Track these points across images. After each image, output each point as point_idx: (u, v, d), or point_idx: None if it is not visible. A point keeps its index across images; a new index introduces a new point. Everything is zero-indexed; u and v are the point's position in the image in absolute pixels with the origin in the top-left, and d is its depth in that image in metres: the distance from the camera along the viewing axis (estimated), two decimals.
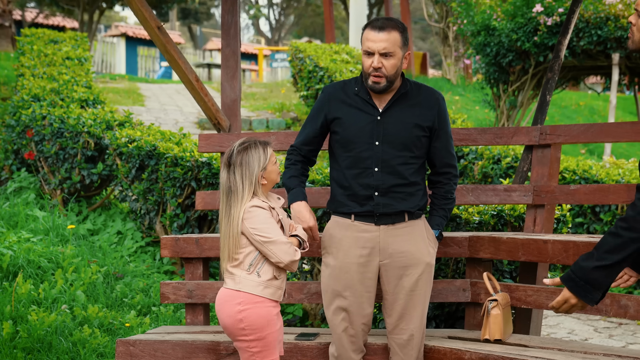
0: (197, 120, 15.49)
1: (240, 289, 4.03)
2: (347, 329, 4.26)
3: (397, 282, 4.23)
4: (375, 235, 4.21)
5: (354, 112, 4.23)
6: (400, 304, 4.24)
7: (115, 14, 48.49)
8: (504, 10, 13.03)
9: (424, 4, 24.88)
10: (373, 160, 4.17)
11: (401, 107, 4.22)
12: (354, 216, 4.23)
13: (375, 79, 4.11)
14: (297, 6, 47.05)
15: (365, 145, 4.18)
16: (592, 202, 5.05)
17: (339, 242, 4.26)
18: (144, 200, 7.78)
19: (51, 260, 7.07)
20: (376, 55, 4.08)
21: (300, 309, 6.47)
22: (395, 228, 4.22)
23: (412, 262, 4.22)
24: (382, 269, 4.24)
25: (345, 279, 4.23)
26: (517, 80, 13.36)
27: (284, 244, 3.97)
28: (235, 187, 4.04)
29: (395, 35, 4.08)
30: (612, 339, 6.85)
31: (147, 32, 5.41)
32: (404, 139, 4.18)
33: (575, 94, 23.92)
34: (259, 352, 4.04)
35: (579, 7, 5.82)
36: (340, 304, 4.25)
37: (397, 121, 4.19)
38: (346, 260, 4.23)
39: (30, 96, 9.79)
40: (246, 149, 4.07)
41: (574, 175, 8.41)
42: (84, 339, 5.76)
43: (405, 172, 4.19)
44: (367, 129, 4.19)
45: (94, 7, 22.73)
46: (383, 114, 4.19)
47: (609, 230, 2.88)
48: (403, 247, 4.22)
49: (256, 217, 3.99)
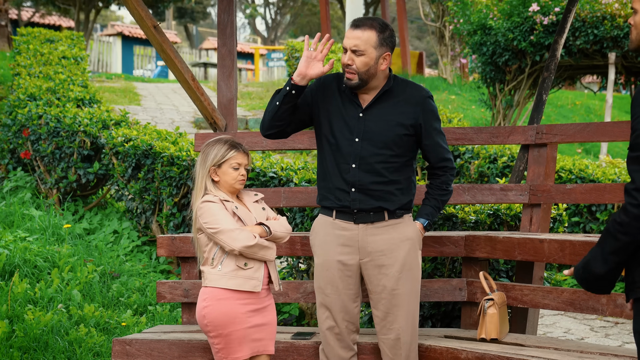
0: (193, 119, 15.48)
1: (207, 285, 4.08)
2: (333, 327, 4.29)
3: (377, 281, 4.24)
4: (354, 234, 4.22)
5: (339, 107, 4.24)
6: (384, 303, 4.24)
7: (112, 13, 48.43)
8: (500, 10, 13.04)
9: (420, 3, 24.87)
10: (351, 157, 4.18)
11: (384, 105, 4.22)
12: (335, 213, 4.25)
13: (348, 75, 4.14)
14: (293, 5, 47.03)
15: (345, 141, 4.19)
16: (588, 201, 5.05)
17: (321, 240, 4.29)
18: (140, 200, 7.77)
19: (47, 260, 7.06)
20: (348, 52, 4.11)
21: (296, 308, 6.47)
22: (375, 227, 4.23)
23: (390, 262, 4.22)
24: (363, 268, 4.26)
25: (326, 277, 4.27)
26: (513, 79, 13.36)
27: (233, 231, 3.98)
28: (195, 178, 4.15)
29: (370, 34, 4.09)
30: (608, 338, 6.86)
31: (143, 32, 5.41)
32: (384, 137, 4.18)
33: (572, 93, 23.92)
34: (222, 348, 4.06)
35: (575, 7, 5.82)
36: (323, 301, 4.31)
37: (378, 119, 4.20)
38: (327, 257, 4.26)
39: (26, 95, 9.78)
40: (214, 142, 4.16)
41: (570, 175, 8.42)
42: (80, 338, 5.75)
43: (384, 170, 4.18)
44: (350, 124, 4.20)
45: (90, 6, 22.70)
46: (365, 111, 4.20)
47: (608, 229, 2.90)
48: (381, 247, 4.22)
49: (207, 211, 4.04)
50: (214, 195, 4.08)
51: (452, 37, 22.65)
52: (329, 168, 4.25)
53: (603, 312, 4.40)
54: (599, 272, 2.94)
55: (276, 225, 4.15)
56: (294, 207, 5.96)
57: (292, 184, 6.52)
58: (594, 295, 4.43)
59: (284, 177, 6.64)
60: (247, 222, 4.09)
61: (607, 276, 2.94)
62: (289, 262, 6.46)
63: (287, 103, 4.17)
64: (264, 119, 4.26)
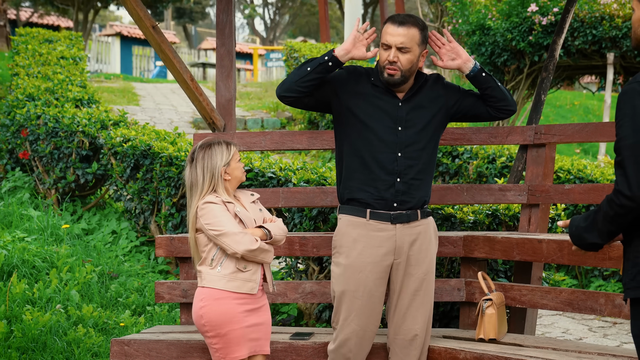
0: (191, 119, 15.48)
1: (204, 285, 4.08)
2: (358, 332, 4.21)
3: (402, 281, 4.22)
4: (391, 234, 4.19)
5: (374, 96, 4.23)
6: (405, 303, 4.23)
7: (110, 14, 48.42)
8: (499, 10, 13.04)
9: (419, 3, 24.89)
10: (397, 146, 4.18)
11: (418, 96, 4.25)
12: (369, 214, 4.20)
13: (390, 71, 4.13)
14: (292, 5, 47.04)
15: (388, 130, 4.19)
16: (586, 201, 5.05)
17: (353, 242, 4.21)
18: (139, 200, 7.77)
19: (45, 260, 7.06)
20: (393, 49, 4.11)
21: (295, 309, 6.47)
22: (410, 227, 4.22)
23: (419, 263, 4.23)
24: (393, 269, 4.23)
25: (358, 279, 4.18)
26: (512, 79, 13.37)
27: (237, 235, 3.97)
28: (196, 180, 4.10)
29: (414, 32, 4.12)
30: (606, 338, 6.86)
31: (141, 32, 5.40)
32: (424, 126, 4.23)
33: (570, 94, 23.93)
34: (220, 348, 4.06)
35: (573, 7, 5.82)
36: (352, 305, 4.20)
37: (416, 108, 4.23)
38: (360, 259, 4.19)
39: (24, 95, 9.77)
40: (209, 145, 4.14)
41: (568, 175, 8.42)
42: (78, 339, 5.75)
43: (425, 158, 4.24)
44: (391, 114, 4.20)
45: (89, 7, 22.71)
46: (404, 102, 4.22)
47: (600, 209, 3.05)
48: (416, 247, 4.23)
49: (209, 212, 4.02)
50: (216, 196, 4.07)
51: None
52: (367, 160, 4.19)
53: (601, 312, 4.40)
54: (591, 242, 3.11)
55: (275, 228, 4.15)
56: (293, 207, 5.96)
57: (291, 184, 6.52)
58: (592, 295, 4.43)
59: (282, 178, 6.64)
60: (247, 224, 4.10)
61: (597, 246, 3.12)
62: (288, 262, 6.46)
63: (319, 73, 4.14)
64: (287, 80, 4.20)
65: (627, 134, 2.89)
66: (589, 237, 3.09)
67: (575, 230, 3.15)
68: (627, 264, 3.02)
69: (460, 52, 4.30)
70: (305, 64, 4.18)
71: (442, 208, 5.68)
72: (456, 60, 4.31)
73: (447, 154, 9.04)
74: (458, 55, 4.30)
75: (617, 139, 2.92)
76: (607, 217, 2.99)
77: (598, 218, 3.04)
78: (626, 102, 2.93)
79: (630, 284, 2.99)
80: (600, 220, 3.03)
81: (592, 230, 3.08)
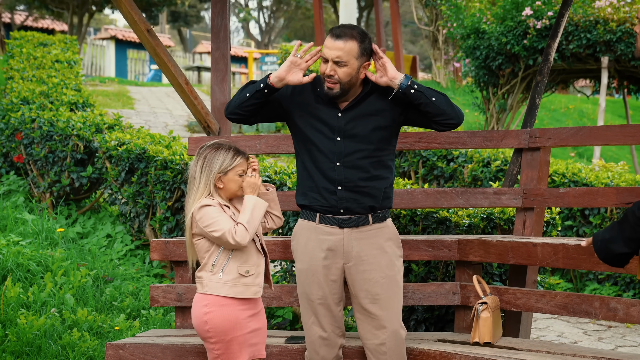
0: (186, 123, 15.48)
1: (207, 292, 4.05)
2: (320, 333, 4.28)
3: (360, 286, 4.24)
4: (339, 238, 4.22)
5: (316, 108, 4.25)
6: (367, 307, 4.24)
7: (105, 17, 48.39)
8: (494, 14, 13.07)
9: (414, 7, 24.93)
10: (335, 155, 4.19)
11: (361, 105, 4.23)
12: (318, 218, 4.24)
13: (329, 85, 4.14)
14: (287, 9, 47.04)
15: (327, 141, 4.20)
16: (581, 205, 5.06)
17: (305, 245, 4.28)
18: (134, 204, 7.76)
19: (40, 264, 7.05)
20: (330, 63, 4.11)
21: (290, 312, 6.46)
22: (360, 231, 4.23)
23: (373, 267, 4.23)
24: (347, 272, 4.26)
25: (312, 282, 4.26)
26: (506, 83, 13.39)
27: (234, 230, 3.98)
28: (194, 176, 4.09)
29: (352, 45, 4.09)
30: (601, 341, 6.86)
31: (136, 35, 5.40)
32: (365, 133, 4.21)
33: (565, 97, 23.96)
34: (222, 354, 4.05)
35: (568, 11, 5.84)
36: (309, 307, 4.29)
37: (356, 116, 4.21)
38: (312, 263, 4.25)
39: (19, 99, 9.76)
40: (218, 148, 4.11)
41: (563, 179, 8.43)
42: (73, 343, 5.74)
43: (369, 165, 4.21)
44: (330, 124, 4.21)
45: (84, 10, 22.70)
46: (344, 112, 4.21)
47: (628, 217, 3.00)
48: (366, 251, 4.23)
49: (206, 215, 4.01)
50: (212, 198, 4.06)
51: (446, 41, 22.70)
52: (310, 168, 4.24)
53: (596, 316, 4.41)
54: (619, 252, 3.06)
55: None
56: (288, 210, 5.97)
57: (286, 187, 6.52)
58: (587, 299, 4.44)
59: (277, 181, 6.64)
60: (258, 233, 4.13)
61: (625, 256, 3.06)
62: (283, 266, 6.46)
63: (257, 99, 4.19)
64: (231, 103, 4.27)
65: None
66: (616, 248, 3.05)
67: (601, 244, 3.10)
68: None
69: (388, 68, 4.16)
70: (245, 88, 4.23)
71: (437, 212, 5.68)
72: (383, 78, 4.18)
73: (441, 158, 9.05)
74: (385, 71, 4.17)
75: None
76: (639, 223, 2.94)
77: (625, 226, 3.00)
78: None
79: None
80: (630, 228, 2.98)
81: (618, 240, 3.04)
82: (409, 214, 5.76)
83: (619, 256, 3.05)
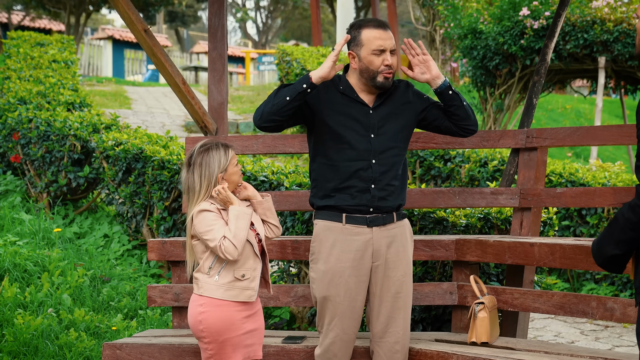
0: (184, 123, 15.47)
1: (202, 294, 4.06)
2: (342, 336, 4.23)
3: (382, 284, 4.24)
4: (368, 238, 4.21)
5: (345, 105, 4.24)
6: (386, 306, 4.24)
7: (102, 17, 48.36)
8: (491, 14, 13.06)
9: (411, 7, 24.93)
10: (370, 153, 4.18)
11: (388, 102, 4.27)
12: (345, 218, 4.21)
13: (388, 74, 4.18)
14: (284, 9, 47.04)
15: (360, 138, 4.19)
16: (578, 205, 5.06)
17: (331, 247, 4.23)
18: (131, 204, 7.76)
19: (37, 264, 7.04)
20: (387, 53, 4.15)
21: (287, 312, 6.46)
22: (387, 229, 4.23)
23: (397, 265, 4.24)
24: (372, 271, 4.24)
25: (338, 284, 4.20)
26: (503, 83, 13.39)
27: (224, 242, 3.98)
28: (193, 187, 4.08)
29: (392, 35, 4.20)
30: (598, 341, 6.87)
31: (133, 35, 5.40)
32: (395, 132, 4.24)
33: (562, 97, 23.96)
34: (215, 354, 4.06)
35: (565, 11, 5.84)
36: (334, 310, 4.22)
37: (386, 114, 4.24)
38: (339, 264, 4.20)
39: (16, 99, 9.75)
40: (207, 150, 4.10)
41: (560, 179, 8.44)
42: (70, 343, 5.74)
43: (398, 164, 4.24)
44: (362, 121, 4.20)
45: (81, 10, 22.69)
46: (374, 109, 4.23)
47: (618, 219, 2.97)
48: (393, 249, 4.24)
49: (202, 221, 4.02)
50: (211, 203, 4.06)
51: (443, 41, 22.70)
52: (341, 167, 4.19)
53: (593, 316, 4.41)
54: (610, 254, 3.02)
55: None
56: (285, 210, 5.97)
57: (283, 187, 6.52)
58: (584, 299, 4.44)
59: (274, 181, 6.64)
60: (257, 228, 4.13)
61: (617, 259, 3.01)
62: (280, 266, 6.46)
63: (298, 101, 4.08)
64: (265, 111, 4.12)
65: None
66: (607, 250, 3.01)
67: (595, 247, 3.07)
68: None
69: (431, 67, 4.22)
70: (281, 92, 4.11)
71: (434, 211, 5.68)
72: (425, 75, 4.23)
73: (439, 158, 9.06)
74: (428, 69, 4.23)
75: None
76: (629, 223, 2.91)
77: (614, 228, 2.97)
78: None
79: None
80: (619, 229, 2.95)
81: (609, 242, 3.00)
82: (406, 213, 5.75)
83: (611, 258, 3.01)
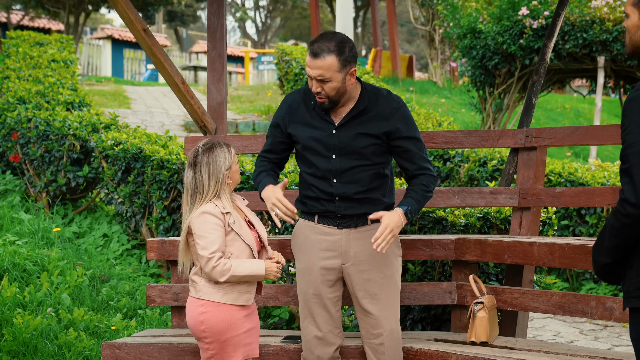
0: (183, 122, 15.47)
1: (200, 297, 4.06)
2: (316, 333, 4.28)
3: (359, 286, 4.24)
4: (337, 239, 4.23)
5: (310, 125, 4.24)
6: (366, 307, 4.25)
7: (101, 17, 48.37)
8: (490, 14, 13.07)
9: (410, 6, 24.94)
10: (331, 173, 4.18)
11: (357, 121, 4.19)
12: (317, 217, 4.26)
13: (319, 100, 4.13)
14: (284, 9, 47.05)
15: (322, 159, 4.20)
16: (577, 204, 5.06)
17: (303, 245, 4.31)
18: (130, 203, 7.76)
19: (36, 263, 7.04)
20: (314, 81, 4.07)
21: (286, 312, 6.46)
22: (358, 232, 4.24)
23: (372, 267, 4.23)
24: (345, 272, 4.26)
25: (309, 281, 4.27)
26: (503, 83, 13.40)
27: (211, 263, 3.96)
28: (202, 185, 4.06)
29: (331, 61, 4.01)
30: (597, 341, 6.87)
31: (133, 35, 5.40)
32: (359, 150, 4.18)
33: (561, 97, 23.98)
34: (216, 354, 4.06)
35: (564, 10, 5.84)
36: (306, 307, 4.30)
37: (352, 133, 4.17)
38: (309, 262, 4.27)
39: (15, 99, 9.75)
40: (211, 148, 4.10)
41: (559, 178, 8.44)
42: (69, 342, 5.74)
43: (364, 179, 4.20)
44: (324, 141, 4.19)
45: (80, 10, 22.69)
46: (338, 128, 4.19)
47: (606, 227, 2.92)
48: (364, 251, 4.22)
49: (203, 224, 4.00)
50: (215, 205, 4.05)
51: (442, 40, 22.71)
52: (308, 180, 4.25)
53: (592, 315, 4.41)
54: (602, 262, 2.97)
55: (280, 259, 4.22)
56: None
57: None
58: (583, 298, 4.44)
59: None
60: (242, 235, 4.08)
61: (609, 268, 2.97)
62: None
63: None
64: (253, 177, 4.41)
65: (634, 140, 2.80)
66: (600, 259, 2.97)
67: (592, 256, 3.03)
68: (631, 272, 2.94)
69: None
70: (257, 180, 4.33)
71: (434, 211, 5.68)
72: None
73: (438, 157, 9.06)
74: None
75: (624, 146, 2.83)
76: (614, 230, 2.86)
77: (604, 235, 2.92)
78: (633, 109, 2.86)
79: (635, 292, 2.91)
80: (607, 236, 2.90)
81: (599, 251, 2.96)
82: None
83: (604, 267, 2.97)
